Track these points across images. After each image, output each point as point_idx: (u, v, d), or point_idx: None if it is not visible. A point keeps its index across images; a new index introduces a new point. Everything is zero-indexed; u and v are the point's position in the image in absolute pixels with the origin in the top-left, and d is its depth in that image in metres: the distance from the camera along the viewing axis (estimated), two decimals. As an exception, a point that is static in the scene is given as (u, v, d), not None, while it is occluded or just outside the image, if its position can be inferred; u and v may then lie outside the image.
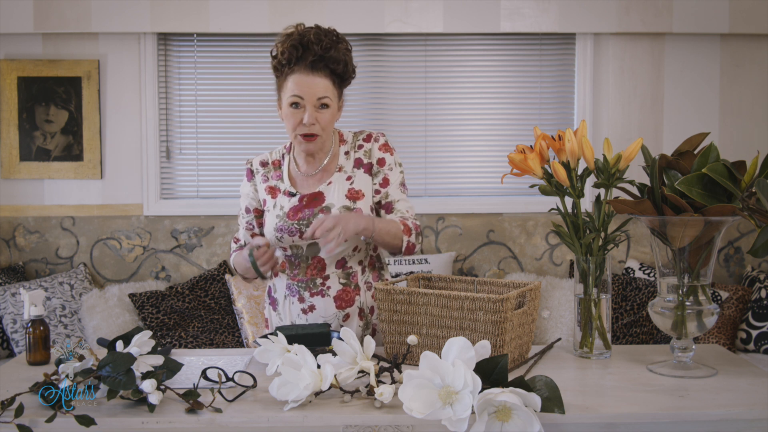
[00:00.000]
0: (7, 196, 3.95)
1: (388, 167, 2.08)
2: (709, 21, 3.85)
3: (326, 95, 1.98)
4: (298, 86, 1.97)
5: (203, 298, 3.75)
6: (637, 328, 3.57)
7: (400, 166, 2.11)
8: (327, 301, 2.05)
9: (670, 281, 1.74)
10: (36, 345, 1.87)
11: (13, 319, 3.54)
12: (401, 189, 2.09)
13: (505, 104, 4.06)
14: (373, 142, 2.09)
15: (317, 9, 3.83)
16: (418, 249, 2.08)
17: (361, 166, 2.07)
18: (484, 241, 4.03)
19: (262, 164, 2.15)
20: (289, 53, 1.96)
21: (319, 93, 1.97)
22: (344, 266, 2.06)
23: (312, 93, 1.96)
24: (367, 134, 2.11)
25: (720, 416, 1.47)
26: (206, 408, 1.48)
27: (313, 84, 1.96)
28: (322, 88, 1.97)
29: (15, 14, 3.79)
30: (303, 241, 2.03)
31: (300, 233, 2.03)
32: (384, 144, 2.10)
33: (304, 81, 1.96)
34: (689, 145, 1.74)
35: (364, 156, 2.08)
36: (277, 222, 2.04)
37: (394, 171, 2.09)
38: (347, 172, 2.07)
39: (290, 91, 1.98)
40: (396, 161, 2.10)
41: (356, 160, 2.08)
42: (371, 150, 2.08)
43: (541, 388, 1.40)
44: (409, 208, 2.08)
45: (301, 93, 1.97)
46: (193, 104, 4.00)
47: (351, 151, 2.10)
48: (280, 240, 2.05)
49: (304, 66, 1.96)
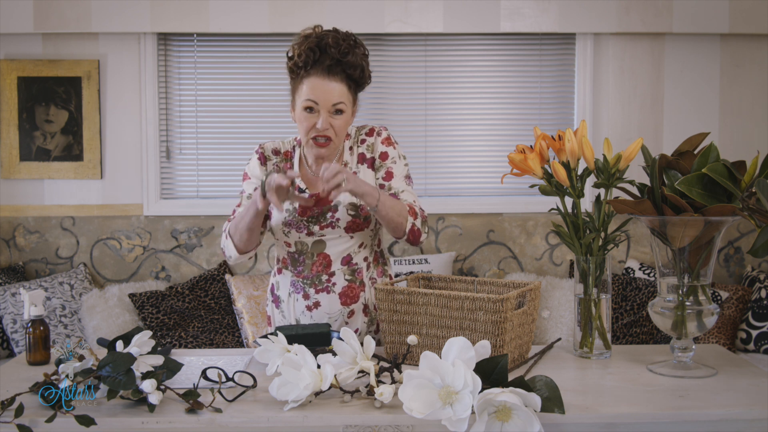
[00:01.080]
0: (7, 196, 3.95)
1: (391, 160, 2.07)
2: (709, 21, 3.85)
3: (341, 101, 1.95)
4: (314, 91, 1.94)
5: (203, 298, 3.75)
6: (637, 328, 3.57)
7: (404, 158, 2.10)
8: (332, 297, 2.05)
9: (670, 281, 1.74)
10: (36, 345, 1.87)
11: (13, 319, 3.54)
12: (406, 181, 2.08)
13: (505, 104, 4.06)
14: (376, 137, 2.08)
15: (317, 9, 3.84)
16: (424, 239, 2.04)
17: (365, 161, 2.07)
18: (484, 241, 4.03)
19: (275, 152, 2.12)
20: (306, 56, 1.93)
21: (335, 99, 1.94)
22: (350, 263, 2.06)
23: (327, 98, 1.94)
24: (369, 129, 2.11)
25: (720, 416, 1.47)
26: (206, 408, 1.48)
27: (328, 89, 1.93)
28: (337, 93, 1.94)
29: (15, 14, 3.79)
30: (309, 237, 2.03)
31: (308, 230, 2.03)
32: (386, 138, 2.08)
33: (319, 86, 1.93)
34: (689, 145, 1.74)
35: (366, 151, 2.08)
36: (286, 216, 2.03)
37: (398, 164, 2.07)
38: (351, 168, 2.07)
39: (305, 95, 1.95)
40: (399, 154, 2.09)
41: (359, 155, 2.08)
42: (374, 144, 2.08)
43: (541, 388, 1.40)
44: (415, 199, 2.07)
45: (316, 98, 1.94)
46: (193, 104, 4.01)
47: (354, 146, 2.09)
48: (286, 234, 2.05)
49: (321, 70, 1.93)
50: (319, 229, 2.03)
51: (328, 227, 2.03)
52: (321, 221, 2.02)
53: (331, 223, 2.02)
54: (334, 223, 2.02)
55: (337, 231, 2.03)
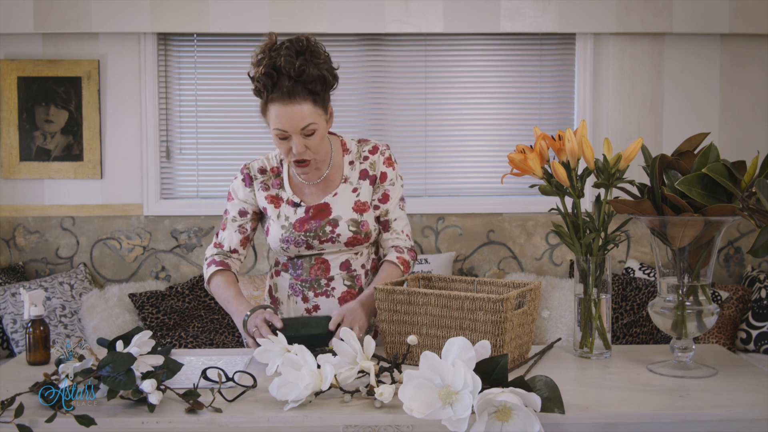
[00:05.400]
0: (7, 196, 3.95)
1: (389, 182, 2.07)
2: (709, 21, 3.85)
3: (310, 122, 1.88)
4: (280, 120, 1.87)
5: (203, 298, 3.75)
6: (637, 328, 3.57)
7: (401, 179, 2.11)
8: (331, 301, 2.05)
9: (670, 281, 1.74)
10: (36, 345, 1.87)
11: (13, 319, 3.54)
12: (400, 205, 2.10)
13: (505, 104, 4.06)
14: (379, 155, 2.07)
15: (317, 9, 3.84)
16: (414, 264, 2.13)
17: (367, 177, 2.06)
18: (484, 241, 4.03)
19: (261, 171, 2.09)
20: (264, 82, 1.86)
21: (303, 122, 1.87)
22: (348, 268, 2.06)
23: (295, 124, 1.87)
24: (373, 146, 2.09)
25: (720, 416, 1.47)
26: (206, 408, 1.48)
27: (294, 114, 1.86)
28: (304, 115, 1.86)
29: (15, 14, 3.79)
30: (308, 251, 2.03)
31: (306, 245, 2.02)
32: (388, 158, 2.08)
33: (284, 113, 1.86)
34: (689, 145, 1.74)
35: (369, 168, 2.07)
36: (283, 233, 2.02)
37: (395, 186, 2.08)
38: (353, 183, 2.06)
39: (273, 123, 1.89)
40: (397, 175, 2.10)
41: (362, 171, 2.07)
42: (376, 162, 2.07)
43: (541, 388, 1.40)
44: (405, 226, 2.10)
45: (283, 126, 1.87)
46: (193, 104, 4.01)
47: (356, 161, 2.08)
48: (285, 250, 2.04)
49: (282, 95, 1.85)
50: (318, 244, 2.03)
51: (327, 242, 2.02)
52: (321, 236, 2.02)
53: (331, 238, 2.02)
54: (334, 239, 2.02)
55: (337, 246, 2.03)
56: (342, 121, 3.92)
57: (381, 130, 4.03)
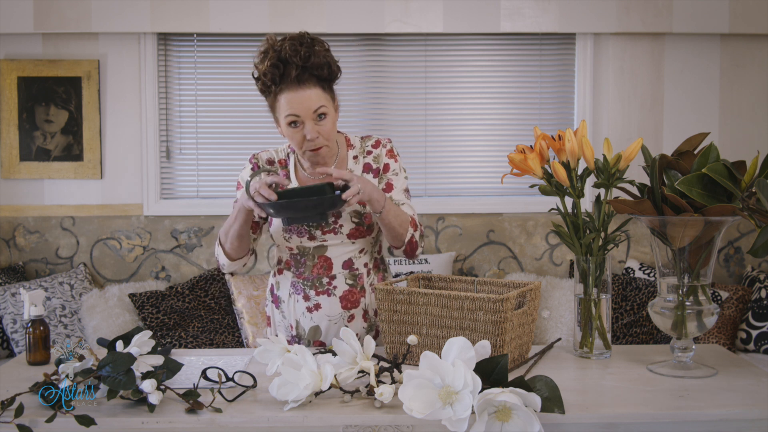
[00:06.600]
0: (7, 196, 3.95)
1: (392, 172, 2.09)
2: (709, 21, 3.85)
3: (321, 104, 1.93)
4: (291, 105, 1.91)
5: (203, 298, 3.75)
6: (637, 328, 3.57)
7: (404, 171, 2.13)
8: (333, 300, 2.05)
9: (670, 281, 1.74)
10: (36, 345, 1.87)
11: (13, 319, 3.54)
12: (405, 195, 2.11)
13: (505, 104, 4.06)
14: (381, 148, 2.10)
15: (317, 9, 3.84)
16: (419, 252, 2.08)
17: (371, 171, 2.08)
18: (484, 241, 4.03)
19: (269, 162, 2.13)
20: (272, 73, 1.90)
21: (314, 105, 1.91)
22: (351, 267, 2.06)
23: (307, 108, 1.91)
24: (375, 140, 2.12)
25: (720, 416, 1.47)
26: (206, 408, 1.48)
27: (305, 98, 1.90)
28: (315, 99, 1.91)
29: (15, 14, 3.79)
30: (310, 242, 2.04)
31: (309, 235, 2.03)
32: (390, 150, 2.11)
33: (295, 98, 1.90)
34: (689, 145, 1.74)
35: (373, 161, 2.09)
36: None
37: (399, 176, 2.10)
38: None
39: (285, 111, 1.93)
40: (400, 166, 2.11)
41: (365, 165, 2.09)
42: (380, 155, 2.09)
43: (541, 388, 1.40)
44: (414, 213, 2.09)
45: (296, 111, 1.92)
46: (193, 104, 4.01)
47: (360, 156, 2.10)
48: (287, 240, 2.05)
49: (291, 82, 1.90)
50: (321, 234, 2.03)
51: (330, 233, 2.03)
52: (324, 227, 2.03)
53: (333, 229, 2.03)
54: (336, 229, 2.03)
55: (339, 237, 2.03)
56: (342, 120, 3.92)
57: (381, 130, 4.03)
